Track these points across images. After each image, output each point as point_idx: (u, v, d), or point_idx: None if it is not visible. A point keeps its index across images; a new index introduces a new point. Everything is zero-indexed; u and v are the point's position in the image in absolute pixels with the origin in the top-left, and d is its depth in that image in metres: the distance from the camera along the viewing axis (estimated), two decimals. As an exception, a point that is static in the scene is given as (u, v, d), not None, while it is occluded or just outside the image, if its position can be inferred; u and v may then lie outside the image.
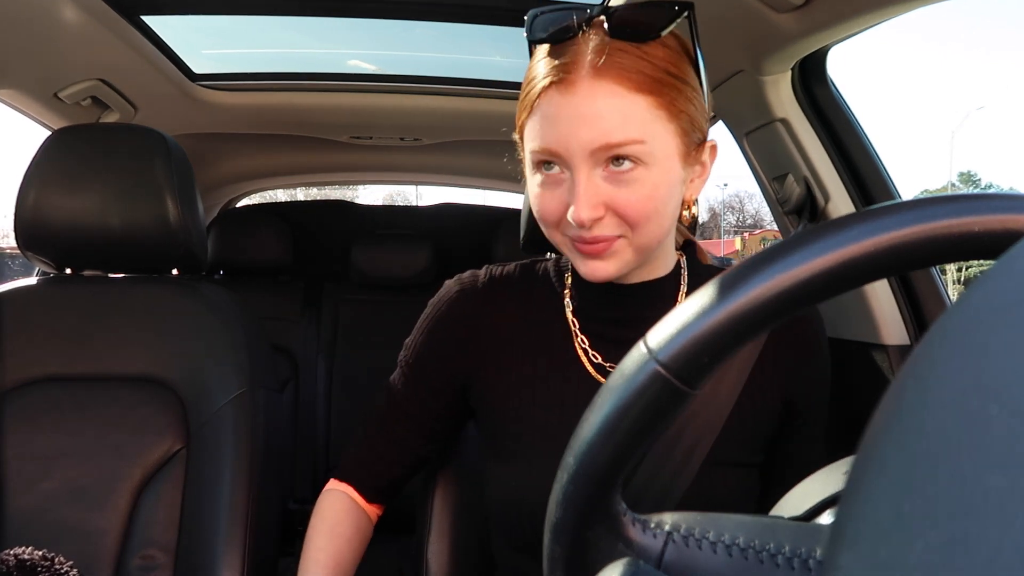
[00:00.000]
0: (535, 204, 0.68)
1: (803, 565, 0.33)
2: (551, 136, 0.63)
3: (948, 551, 0.14)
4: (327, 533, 0.83)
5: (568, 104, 0.62)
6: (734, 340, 0.33)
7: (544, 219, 0.68)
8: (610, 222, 0.64)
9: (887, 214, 0.32)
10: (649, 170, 0.63)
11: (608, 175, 0.63)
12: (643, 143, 0.62)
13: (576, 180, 0.63)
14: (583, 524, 0.37)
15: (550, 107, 0.63)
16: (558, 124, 0.63)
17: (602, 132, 0.61)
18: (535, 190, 0.67)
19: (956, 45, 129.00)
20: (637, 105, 0.62)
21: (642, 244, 0.66)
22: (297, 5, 1.48)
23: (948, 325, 0.18)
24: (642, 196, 0.63)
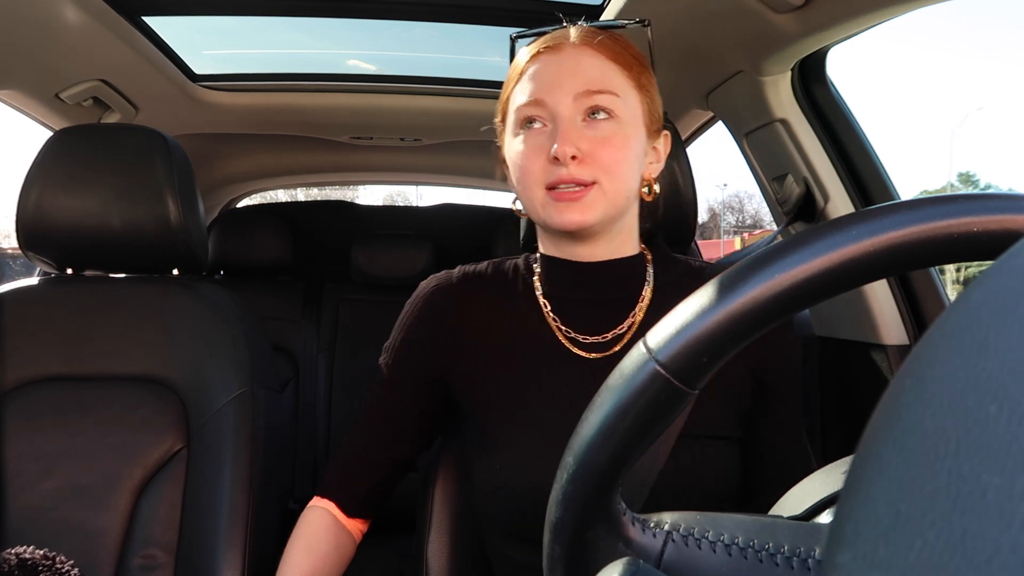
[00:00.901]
0: (518, 160, 0.73)
1: (802, 564, 0.33)
2: (538, 89, 0.72)
3: (947, 550, 0.14)
4: (304, 550, 0.83)
5: (554, 62, 0.73)
6: (733, 340, 0.33)
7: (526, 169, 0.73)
8: (586, 168, 0.70)
9: (886, 214, 0.32)
10: (620, 125, 0.72)
11: (586, 124, 0.72)
12: (617, 96, 0.72)
13: (559, 121, 0.71)
14: (583, 524, 0.37)
15: (537, 68, 0.73)
16: (544, 78, 0.72)
17: (584, 80, 0.71)
18: (518, 148, 0.74)
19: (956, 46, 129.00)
20: (613, 69, 0.73)
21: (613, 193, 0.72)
22: (297, 5, 1.48)
23: (947, 325, 0.18)
24: (614, 143, 0.71)
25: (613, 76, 0.73)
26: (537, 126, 0.73)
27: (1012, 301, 0.16)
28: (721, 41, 1.20)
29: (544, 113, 0.72)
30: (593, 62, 0.72)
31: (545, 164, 0.71)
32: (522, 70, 0.74)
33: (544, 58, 0.73)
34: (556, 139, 0.70)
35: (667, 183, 1.02)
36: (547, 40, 0.74)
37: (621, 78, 0.73)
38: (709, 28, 1.17)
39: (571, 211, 0.71)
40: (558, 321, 0.78)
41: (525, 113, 0.73)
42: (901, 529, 0.15)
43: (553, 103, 0.71)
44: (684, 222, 1.06)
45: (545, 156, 0.71)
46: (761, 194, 1.44)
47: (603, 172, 0.71)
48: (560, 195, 0.71)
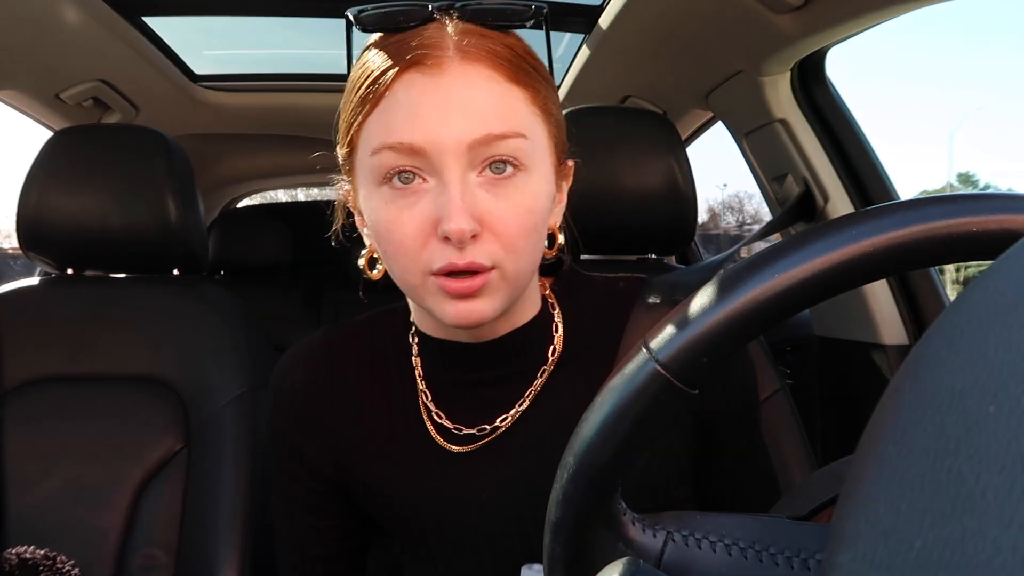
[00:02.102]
0: (385, 228, 0.53)
1: (803, 565, 0.33)
2: (414, 130, 0.50)
3: (947, 550, 0.14)
4: None
5: (436, 89, 0.50)
6: (733, 340, 0.33)
7: (403, 246, 0.52)
8: (485, 245, 0.52)
9: (886, 214, 0.32)
10: (530, 176, 0.53)
11: (484, 181, 0.52)
12: (525, 138, 0.52)
13: (447, 184, 0.50)
14: (583, 524, 0.37)
15: (409, 94, 0.51)
16: (422, 113, 0.50)
17: (481, 122, 0.50)
18: (383, 212, 0.52)
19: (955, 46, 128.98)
20: (515, 96, 0.52)
21: (515, 275, 0.54)
22: (297, 5, 1.48)
23: (947, 325, 0.18)
24: (523, 208, 0.52)
25: (517, 107, 0.52)
26: (412, 183, 0.52)
27: (1012, 301, 0.16)
28: (721, 41, 1.20)
29: (423, 166, 0.51)
30: (491, 89, 0.51)
31: (427, 241, 0.51)
32: (379, 89, 0.51)
33: (419, 80, 0.50)
34: (444, 208, 0.50)
35: (667, 182, 1.03)
36: (417, 46, 0.51)
37: (525, 105, 0.53)
38: (709, 28, 1.17)
39: (466, 307, 0.53)
40: (441, 414, 0.63)
41: (393, 163, 0.51)
42: (901, 529, 0.15)
43: (438, 154, 0.50)
44: (684, 222, 1.06)
45: (427, 230, 0.51)
46: (761, 194, 1.44)
47: (507, 252, 0.52)
48: (451, 286, 0.52)
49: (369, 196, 0.54)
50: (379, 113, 0.52)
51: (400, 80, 0.51)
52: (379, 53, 0.53)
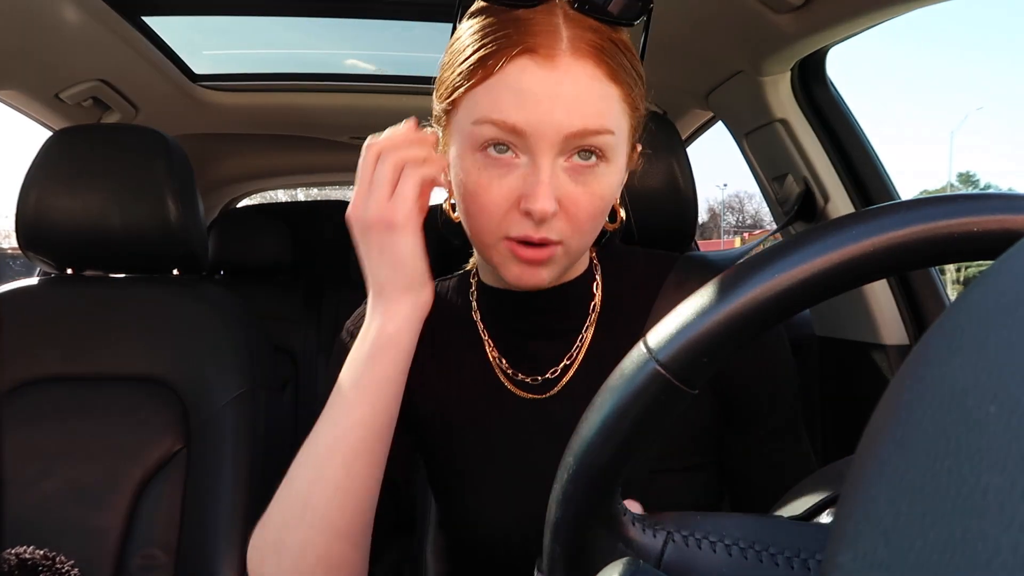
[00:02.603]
0: (474, 192, 0.57)
1: (803, 565, 0.33)
2: (519, 112, 0.54)
3: (947, 550, 0.14)
4: None
5: (547, 79, 0.54)
6: (733, 340, 0.33)
7: (485, 210, 0.57)
8: (557, 224, 0.57)
9: (886, 214, 0.32)
10: (609, 166, 0.58)
11: (570, 167, 0.57)
12: (613, 134, 0.57)
13: (539, 167, 0.55)
14: (583, 524, 0.37)
15: (521, 78, 0.54)
16: (532, 100, 0.54)
17: (581, 116, 0.55)
18: (473, 174, 0.57)
19: (955, 46, 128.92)
20: (612, 94, 0.56)
21: (577, 250, 0.60)
22: (297, 5, 1.48)
23: (947, 325, 0.18)
24: (598, 195, 0.58)
25: (613, 106, 0.56)
26: (508, 155, 0.56)
27: (1012, 301, 0.16)
28: (721, 41, 1.20)
29: (519, 144, 0.55)
30: (593, 88, 0.55)
31: (509, 211, 0.57)
32: (492, 66, 0.55)
33: (529, 67, 0.54)
34: (532, 187, 0.55)
35: (667, 182, 1.03)
36: (535, 36, 0.54)
37: (619, 105, 0.57)
38: (709, 28, 1.17)
39: (529, 272, 0.59)
40: (504, 361, 0.69)
41: (493, 135, 0.55)
42: (901, 529, 0.15)
43: (537, 139, 0.55)
44: (684, 222, 1.06)
45: (511, 198, 0.56)
46: (761, 194, 1.44)
47: (574, 231, 0.58)
48: (523, 253, 0.58)
49: (462, 156, 0.58)
50: (488, 88, 0.55)
51: (513, 63, 0.54)
52: (493, 29, 0.56)
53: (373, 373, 0.61)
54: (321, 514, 0.59)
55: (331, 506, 0.59)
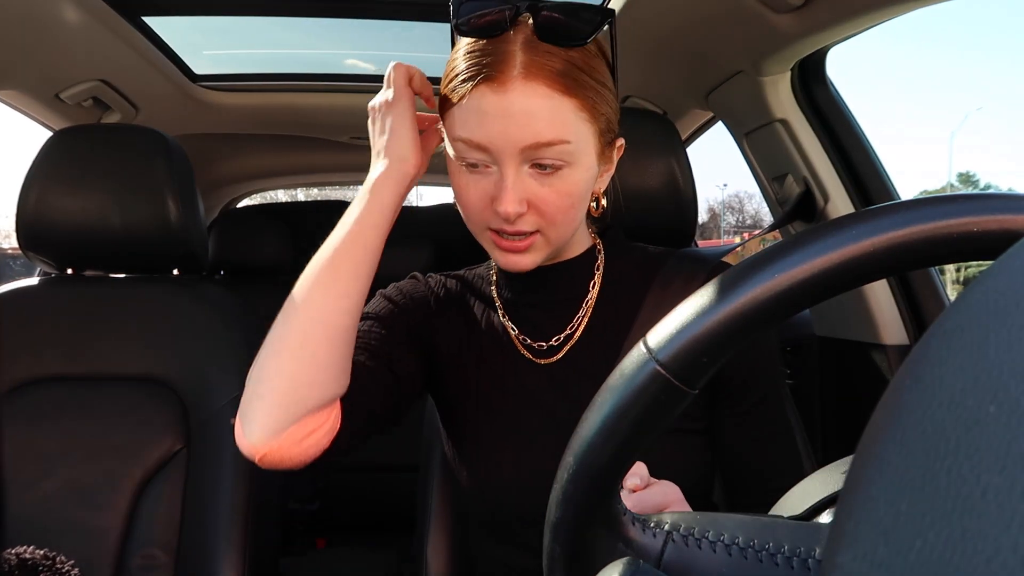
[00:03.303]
0: (460, 195, 0.70)
1: (803, 564, 0.33)
2: (481, 132, 0.64)
3: (947, 550, 0.14)
4: None
5: (500, 102, 0.63)
6: (733, 340, 0.33)
7: (468, 209, 0.70)
8: (530, 218, 0.67)
9: (886, 214, 0.32)
10: (573, 169, 0.66)
11: (534, 172, 0.66)
12: (569, 143, 0.65)
13: (504, 175, 0.65)
14: (583, 524, 0.37)
15: (480, 103, 0.64)
16: (489, 120, 0.64)
17: (533, 132, 0.63)
18: (460, 182, 0.70)
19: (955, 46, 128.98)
20: (564, 107, 0.64)
21: (557, 238, 0.70)
22: (297, 5, 1.48)
23: (947, 325, 0.18)
24: (563, 193, 0.67)
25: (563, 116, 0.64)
26: (479, 166, 0.67)
27: (1012, 301, 0.16)
28: (721, 41, 1.20)
29: (487, 158, 0.66)
30: (544, 105, 0.63)
31: (487, 208, 0.68)
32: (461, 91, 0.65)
33: (488, 95, 0.63)
34: (500, 192, 0.65)
35: (667, 182, 1.02)
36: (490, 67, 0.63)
37: (573, 113, 0.65)
38: (709, 28, 1.17)
39: (514, 258, 0.70)
40: (515, 328, 0.79)
41: (465, 152, 0.67)
42: (901, 529, 0.15)
43: (497, 152, 0.65)
44: (684, 222, 1.06)
45: (486, 200, 0.68)
46: (761, 194, 1.44)
47: (548, 223, 0.68)
48: (502, 242, 0.69)
49: (450, 163, 0.71)
50: (459, 110, 0.66)
51: (476, 90, 0.64)
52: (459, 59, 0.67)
53: (362, 206, 0.73)
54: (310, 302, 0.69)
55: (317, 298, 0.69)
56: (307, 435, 0.67)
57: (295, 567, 1.94)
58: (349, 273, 0.70)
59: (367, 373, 0.73)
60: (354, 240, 0.71)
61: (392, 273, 2.59)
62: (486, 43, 0.65)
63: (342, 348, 0.68)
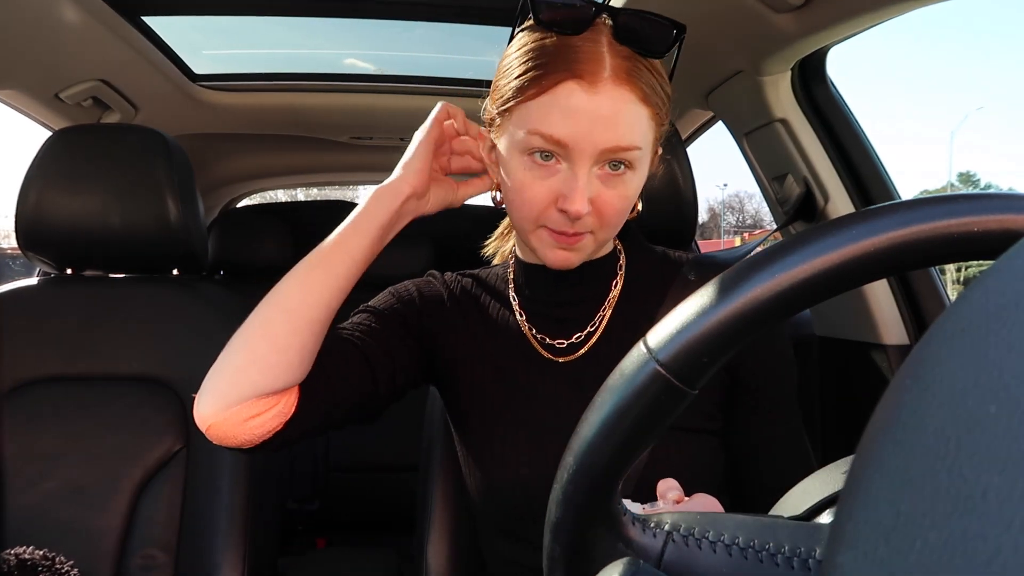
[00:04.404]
0: (519, 188, 0.68)
1: (803, 564, 0.33)
2: (565, 128, 0.64)
3: (947, 550, 0.14)
4: None
5: (590, 102, 0.64)
6: (733, 340, 0.33)
7: (527, 204, 0.69)
8: (588, 219, 0.68)
9: (886, 214, 0.32)
10: (635, 173, 0.68)
11: (602, 174, 0.67)
12: (640, 149, 0.67)
13: (577, 175, 0.66)
14: (583, 524, 0.37)
15: (569, 99, 0.64)
16: (576, 118, 0.64)
17: (616, 135, 0.65)
18: (521, 175, 0.68)
19: (955, 46, 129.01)
20: (642, 115, 0.66)
21: (603, 240, 0.72)
22: (297, 5, 1.48)
23: (947, 325, 0.18)
24: (624, 197, 0.69)
25: (642, 125, 0.66)
26: (549, 161, 0.67)
27: (1012, 301, 0.16)
28: (721, 41, 1.20)
29: (562, 154, 0.66)
30: (628, 110, 0.65)
31: (548, 205, 0.68)
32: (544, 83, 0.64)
33: (578, 93, 0.64)
34: (571, 191, 0.65)
35: (667, 182, 1.03)
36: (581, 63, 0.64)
37: (647, 122, 0.67)
38: (709, 28, 1.17)
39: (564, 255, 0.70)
40: (532, 328, 0.79)
41: (540, 145, 0.66)
42: (901, 529, 0.15)
43: (578, 153, 0.65)
44: (684, 222, 1.06)
45: (550, 197, 0.67)
46: (761, 194, 1.44)
47: (602, 225, 0.69)
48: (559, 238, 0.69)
49: (511, 157, 0.69)
50: (539, 104, 0.65)
51: (564, 86, 0.64)
52: (545, 51, 0.65)
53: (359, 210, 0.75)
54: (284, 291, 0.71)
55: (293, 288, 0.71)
56: (254, 415, 0.68)
57: (295, 567, 1.94)
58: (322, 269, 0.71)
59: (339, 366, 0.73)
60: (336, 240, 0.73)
61: (392, 272, 2.60)
62: (571, 39, 0.65)
63: (304, 338, 0.69)
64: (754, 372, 0.75)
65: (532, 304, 0.80)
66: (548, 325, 0.79)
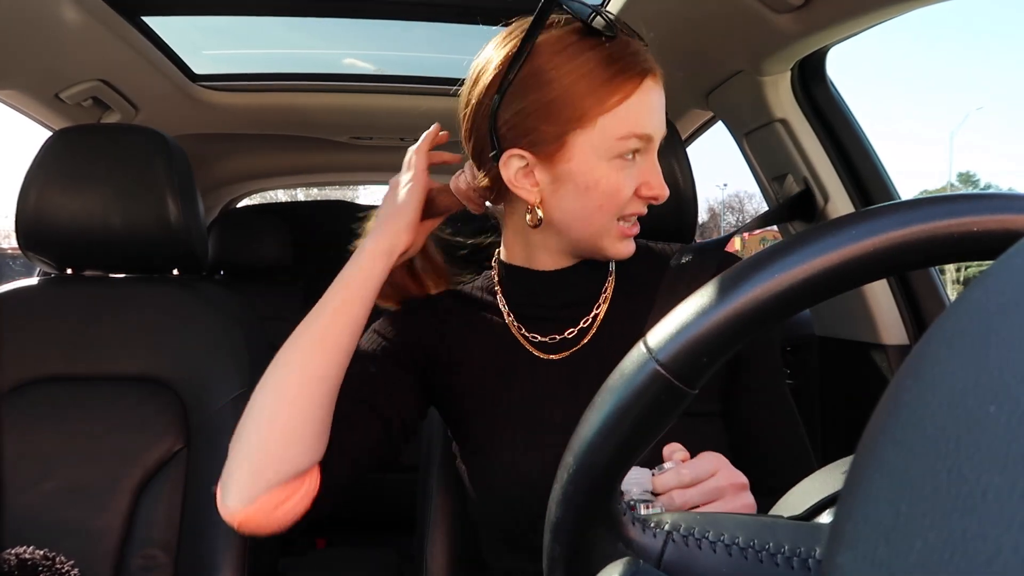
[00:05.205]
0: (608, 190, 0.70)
1: (803, 564, 0.33)
2: (651, 122, 0.69)
3: (947, 550, 0.14)
4: None
5: (660, 93, 0.70)
6: (733, 340, 0.33)
7: (617, 200, 0.71)
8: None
9: (886, 214, 0.32)
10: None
11: None
12: None
13: (654, 161, 0.71)
14: (583, 524, 0.37)
15: (650, 95, 0.69)
16: (655, 110, 0.70)
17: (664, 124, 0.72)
18: (612, 176, 0.70)
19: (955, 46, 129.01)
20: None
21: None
22: (297, 5, 1.48)
23: (947, 325, 0.18)
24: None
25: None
26: (631, 158, 0.70)
27: (1012, 301, 0.16)
28: (721, 41, 1.20)
29: (644, 148, 0.70)
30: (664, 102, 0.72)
31: (631, 196, 0.71)
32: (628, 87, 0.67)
33: (653, 87, 0.69)
34: (656, 180, 0.71)
35: (667, 182, 1.02)
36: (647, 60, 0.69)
37: None
38: (709, 28, 1.17)
39: (631, 244, 0.75)
40: (522, 327, 0.79)
41: (635, 146, 0.69)
42: (901, 529, 0.15)
43: (654, 140, 0.71)
44: (684, 222, 1.06)
45: (633, 188, 0.71)
46: (761, 194, 1.44)
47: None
48: (628, 231, 0.74)
49: (595, 167, 0.69)
50: (627, 107, 0.68)
51: (644, 83, 0.68)
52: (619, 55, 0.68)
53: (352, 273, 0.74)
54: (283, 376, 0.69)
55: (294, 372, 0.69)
56: (280, 503, 0.67)
57: (295, 567, 1.94)
58: (324, 347, 0.70)
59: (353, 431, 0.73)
60: (335, 311, 0.71)
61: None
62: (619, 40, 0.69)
63: (315, 423, 0.68)
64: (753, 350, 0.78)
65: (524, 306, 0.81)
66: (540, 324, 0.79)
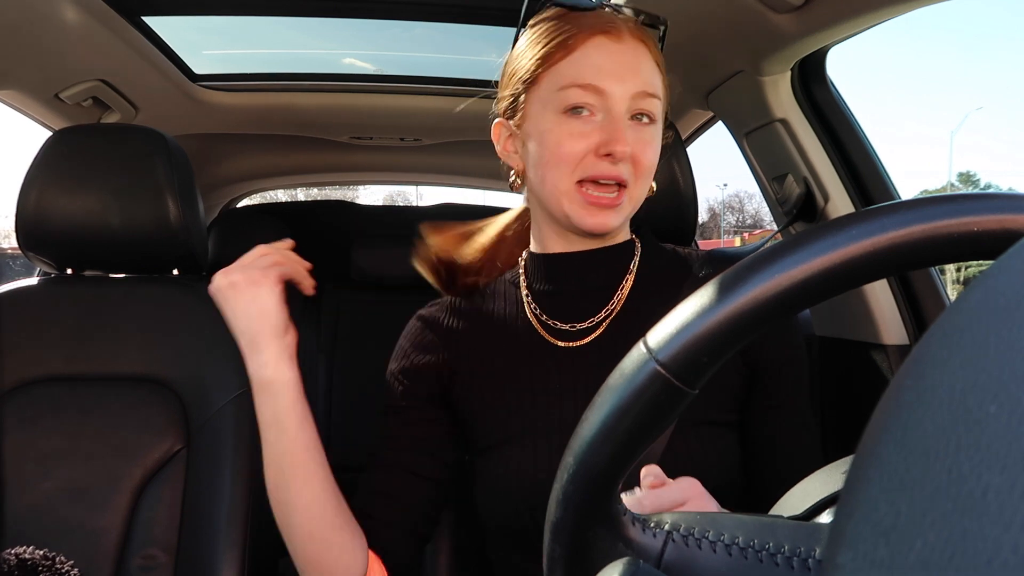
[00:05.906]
0: (554, 143, 0.71)
1: (803, 564, 0.33)
2: (599, 75, 0.69)
3: (947, 550, 0.14)
4: None
5: (618, 51, 0.70)
6: (733, 340, 0.33)
7: (563, 155, 0.70)
8: (626, 166, 0.71)
9: (886, 214, 0.32)
10: (655, 128, 0.74)
11: (632, 124, 0.72)
12: (660, 100, 0.73)
13: (617, 118, 0.70)
14: (583, 524, 0.37)
15: (598, 50, 0.70)
16: (605, 66, 0.70)
17: (642, 81, 0.71)
18: (557, 131, 0.70)
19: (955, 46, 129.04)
20: (657, 72, 0.73)
21: (635, 198, 0.74)
22: (297, 5, 1.48)
23: (947, 325, 0.18)
24: (652, 148, 0.73)
25: (658, 79, 0.73)
26: (584, 113, 0.70)
27: (1012, 301, 0.16)
28: (721, 41, 1.20)
29: (597, 103, 0.70)
30: (647, 61, 0.72)
31: (586, 154, 0.70)
32: (571, 43, 0.70)
33: (604, 43, 0.70)
34: (613, 133, 0.69)
35: (667, 182, 1.03)
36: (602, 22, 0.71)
37: (660, 82, 0.74)
38: (709, 28, 1.17)
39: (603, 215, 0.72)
40: (539, 312, 0.79)
41: (577, 98, 0.70)
42: (901, 529, 0.15)
43: (610, 95, 0.69)
44: (684, 222, 1.06)
45: (588, 146, 0.70)
46: (761, 194, 1.44)
47: (637, 176, 0.72)
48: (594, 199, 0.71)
49: (544, 119, 0.72)
50: (570, 61, 0.70)
51: (593, 39, 0.70)
52: (567, 20, 0.72)
53: (265, 415, 0.72)
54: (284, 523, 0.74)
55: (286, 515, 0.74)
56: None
57: (295, 567, 1.94)
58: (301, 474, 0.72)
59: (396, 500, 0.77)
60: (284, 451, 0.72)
61: (389, 273, 2.59)
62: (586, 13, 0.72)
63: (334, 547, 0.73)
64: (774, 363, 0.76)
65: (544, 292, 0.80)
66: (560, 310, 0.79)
